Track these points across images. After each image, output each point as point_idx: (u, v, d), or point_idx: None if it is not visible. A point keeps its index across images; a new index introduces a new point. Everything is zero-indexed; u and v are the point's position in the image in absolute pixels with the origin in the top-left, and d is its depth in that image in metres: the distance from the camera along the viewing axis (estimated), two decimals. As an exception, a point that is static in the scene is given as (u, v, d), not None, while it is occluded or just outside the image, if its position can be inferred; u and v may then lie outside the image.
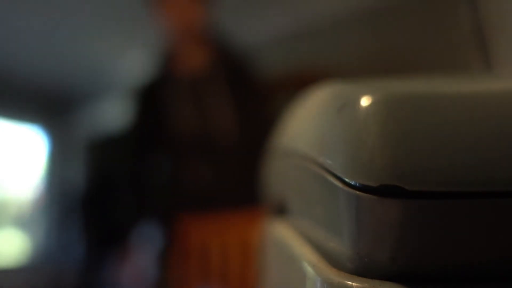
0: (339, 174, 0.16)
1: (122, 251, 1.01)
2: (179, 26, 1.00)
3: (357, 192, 0.15)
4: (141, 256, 0.99)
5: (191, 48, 1.03)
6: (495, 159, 0.14)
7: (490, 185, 0.14)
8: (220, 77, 1.00)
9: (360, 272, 0.16)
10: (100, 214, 2.00)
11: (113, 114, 2.21)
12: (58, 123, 2.65)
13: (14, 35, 1.85)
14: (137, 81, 1.12)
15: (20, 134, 2.50)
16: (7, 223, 2.39)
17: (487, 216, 0.14)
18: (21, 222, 2.44)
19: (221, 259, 0.95)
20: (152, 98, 1.04)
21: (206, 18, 1.04)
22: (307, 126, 0.21)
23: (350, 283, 0.15)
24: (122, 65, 1.98)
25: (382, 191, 0.14)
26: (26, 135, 2.52)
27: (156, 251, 1.00)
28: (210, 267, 0.96)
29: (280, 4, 1.71)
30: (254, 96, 1.05)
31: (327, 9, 1.71)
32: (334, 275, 0.16)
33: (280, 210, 0.27)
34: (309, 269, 0.18)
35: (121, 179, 1.09)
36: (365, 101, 0.15)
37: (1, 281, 2.21)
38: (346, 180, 0.15)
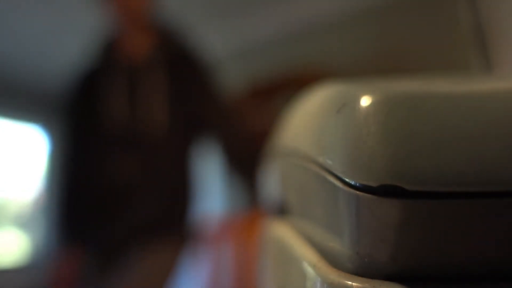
0: (339, 174, 0.16)
1: (58, 255, 0.92)
2: (123, 12, 0.96)
3: (357, 192, 0.15)
4: (74, 262, 0.89)
5: (134, 35, 0.99)
6: (495, 159, 0.14)
7: (490, 185, 0.14)
8: (161, 66, 0.95)
9: (360, 272, 0.16)
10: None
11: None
12: (58, 123, 2.65)
13: (14, 35, 1.85)
14: (76, 69, 1.07)
15: (20, 134, 2.50)
16: (7, 223, 2.39)
17: (487, 216, 0.14)
18: (21, 222, 2.44)
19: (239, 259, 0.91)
20: (89, 87, 0.98)
21: (150, 5, 0.99)
22: (307, 126, 0.21)
23: (350, 283, 0.15)
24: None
25: (382, 191, 0.14)
26: (26, 135, 2.53)
27: (95, 258, 0.89)
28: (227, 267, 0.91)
29: (279, 3, 1.71)
30: (199, 90, 0.97)
31: (327, 9, 1.71)
32: (334, 275, 0.16)
33: (280, 210, 0.27)
34: (309, 269, 0.18)
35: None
36: (365, 101, 0.15)
37: (1, 281, 2.21)
38: (346, 180, 0.15)
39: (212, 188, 1.16)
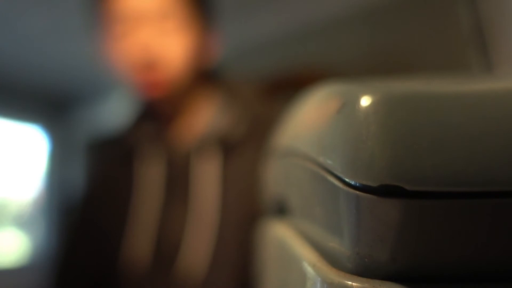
0: (339, 174, 0.16)
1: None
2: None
3: (357, 192, 0.15)
4: None
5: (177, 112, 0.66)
6: (496, 159, 0.14)
7: (490, 185, 0.14)
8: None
9: (360, 272, 0.16)
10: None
11: (113, 114, 2.21)
12: (58, 123, 2.65)
13: (14, 35, 1.85)
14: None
15: (21, 134, 2.50)
16: (7, 223, 2.39)
17: (487, 216, 0.14)
18: (21, 222, 2.44)
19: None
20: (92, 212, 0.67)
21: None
22: (307, 126, 0.21)
23: (350, 283, 0.15)
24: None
25: (382, 191, 0.14)
26: (26, 135, 2.53)
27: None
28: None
29: (279, 3, 1.71)
30: None
31: (327, 9, 1.71)
32: (334, 275, 0.16)
33: (280, 210, 0.27)
34: (309, 269, 0.18)
35: None
36: (365, 101, 0.15)
37: (1, 281, 2.21)
38: (346, 180, 0.15)
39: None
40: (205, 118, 0.64)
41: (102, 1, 0.61)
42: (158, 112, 0.64)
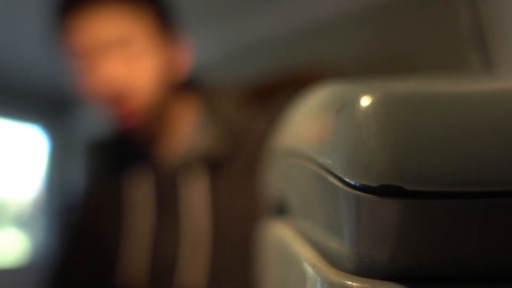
0: (339, 174, 0.16)
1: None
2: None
3: (357, 192, 0.15)
4: None
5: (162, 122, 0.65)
6: (496, 159, 0.14)
7: (491, 185, 0.14)
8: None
9: (360, 272, 0.16)
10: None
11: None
12: (58, 123, 2.65)
13: (14, 34, 1.85)
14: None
15: (20, 133, 2.50)
16: (7, 223, 2.39)
17: (488, 216, 0.14)
18: (21, 222, 2.44)
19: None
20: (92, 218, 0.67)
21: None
22: (307, 126, 0.21)
23: (350, 283, 0.15)
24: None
25: (382, 191, 0.14)
26: (26, 135, 2.53)
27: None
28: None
29: (279, 3, 1.71)
30: None
31: (327, 9, 1.71)
32: (334, 275, 0.16)
33: (280, 210, 0.27)
34: (309, 269, 0.18)
35: None
36: (365, 101, 0.15)
37: (1, 281, 2.21)
38: (346, 180, 0.15)
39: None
40: (186, 134, 0.63)
41: (59, 39, 0.60)
42: (138, 135, 0.62)
